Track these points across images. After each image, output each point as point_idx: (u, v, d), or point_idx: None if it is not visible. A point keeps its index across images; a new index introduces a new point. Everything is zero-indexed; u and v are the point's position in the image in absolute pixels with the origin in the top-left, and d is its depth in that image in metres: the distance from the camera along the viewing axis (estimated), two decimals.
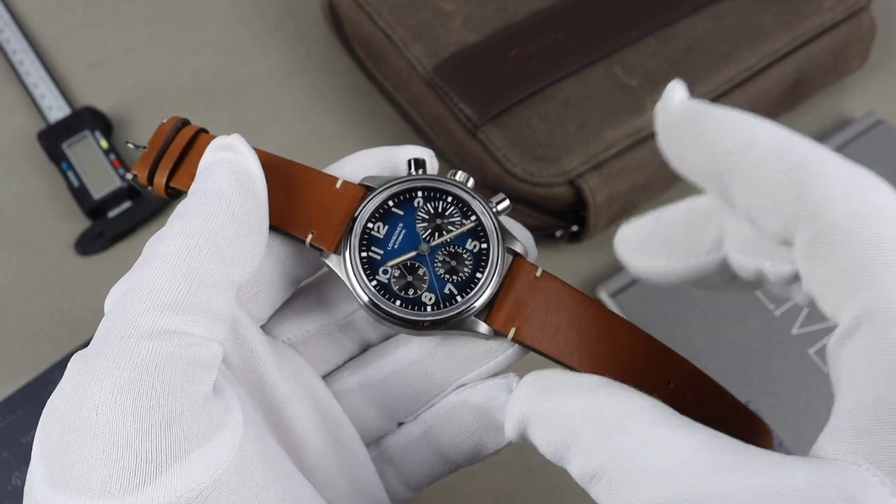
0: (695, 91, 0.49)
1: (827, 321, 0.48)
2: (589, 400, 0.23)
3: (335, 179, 0.28)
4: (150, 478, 0.20)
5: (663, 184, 0.50)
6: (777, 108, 0.54)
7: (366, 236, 0.27)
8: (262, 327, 0.29)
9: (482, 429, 0.28)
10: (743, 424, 0.27)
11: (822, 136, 0.56)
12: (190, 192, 0.26)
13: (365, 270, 0.27)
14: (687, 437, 0.21)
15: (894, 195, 0.21)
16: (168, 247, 0.23)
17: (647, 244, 0.27)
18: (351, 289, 0.27)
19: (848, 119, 0.57)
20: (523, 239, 0.28)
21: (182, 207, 0.25)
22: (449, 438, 0.28)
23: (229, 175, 0.25)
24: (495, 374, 0.28)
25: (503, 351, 0.28)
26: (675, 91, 0.26)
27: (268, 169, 0.27)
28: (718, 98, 0.50)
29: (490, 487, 0.44)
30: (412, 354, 0.28)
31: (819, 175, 0.21)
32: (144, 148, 0.28)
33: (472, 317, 0.27)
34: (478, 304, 0.26)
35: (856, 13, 0.53)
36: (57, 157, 0.53)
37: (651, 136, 0.48)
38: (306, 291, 0.30)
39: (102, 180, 0.52)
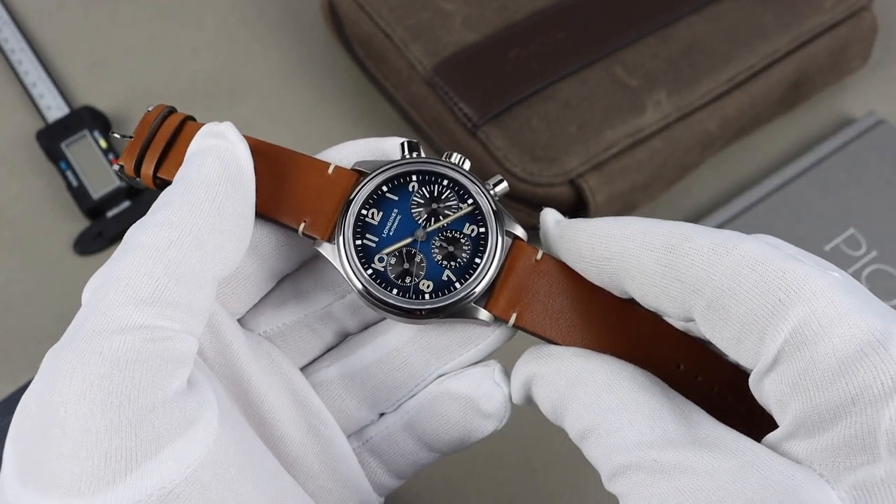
0: (695, 91, 0.49)
1: None
2: (583, 363, 0.25)
3: (327, 165, 0.27)
4: (120, 476, 0.20)
5: (663, 184, 0.50)
6: (778, 108, 0.54)
7: (360, 223, 0.26)
8: (239, 320, 0.28)
9: (466, 418, 0.28)
10: (759, 408, 0.27)
11: (822, 136, 0.56)
12: (176, 179, 0.25)
13: (360, 259, 0.26)
14: (666, 406, 0.23)
15: (755, 241, 0.23)
16: (150, 237, 0.23)
17: None
18: (346, 278, 0.26)
19: (849, 119, 0.57)
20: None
21: (167, 196, 0.24)
22: (432, 428, 0.28)
23: (217, 164, 0.25)
24: (476, 363, 0.28)
25: (484, 338, 0.27)
26: (548, 215, 0.28)
27: (257, 155, 0.26)
28: (719, 98, 0.49)
29: (490, 487, 0.44)
30: (391, 343, 0.28)
31: (687, 251, 0.23)
32: (131, 138, 0.28)
33: (472, 303, 0.26)
34: (477, 290, 0.26)
35: (857, 13, 0.53)
36: (56, 156, 0.53)
37: (651, 136, 0.48)
38: (283, 283, 0.29)
39: (101, 180, 0.52)
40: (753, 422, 0.25)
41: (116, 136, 0.30)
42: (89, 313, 0.22)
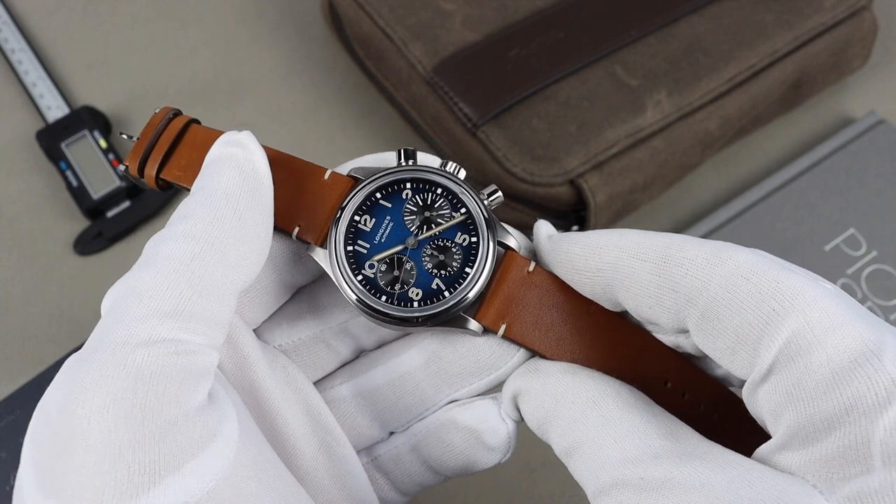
0: (695, 91, 0.49)
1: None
2: (570, 380, 0.25)
3: (323, 170, 0.27)
4: (143, 490, 0.20)
5: (664, 184, 0.50)
6: (778, 107, 0.54)
7: (352, 229, 0.26)
8: (255, 331, 0.28)
9: (470, 448, 0.28)
10: (746, 425, 0.27)
11: (823, 136, 0.56)
12: (195, 188, 0.25)
13: (350, 265, 0.26)
14: (652, 423, 0.23)
15: (750, 252, 0.23)
16: (172, 250, 0.23)
17: None
18: (336, 284, 0.26)
19: (849, 118, 0.57)
20: (516, 234, 0.28)
21: (187, 207, 0.24)
22: (437, 454, 0.28)
23: (237, 174, 0.25)
24: (485, 393, 0.28)
25: (496, 369, 0.27)
26: (541, 228, 0.27)
27: None
28: (719, 98, 0.49)
29: (490, 488, 0.44)
30: (404, 367, 0.28)
31: (682, 261, 0.23)
32: (137, 139, 0.28)
33: (461, 313, 0.26)
34: (466, 300, 0.26)
35: (857, 12, 0.53)
36: (55, 156, 0.53)
37: (651, 136, 0.48)
38: (299, 297, 0.29)
39: (101, 180, 0.52)
40: (739, 439, 0.25)
41: (123, 136, 0.30)
42: (111, 325, 0.22)
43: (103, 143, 0.53)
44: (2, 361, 0.48)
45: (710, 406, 0.26)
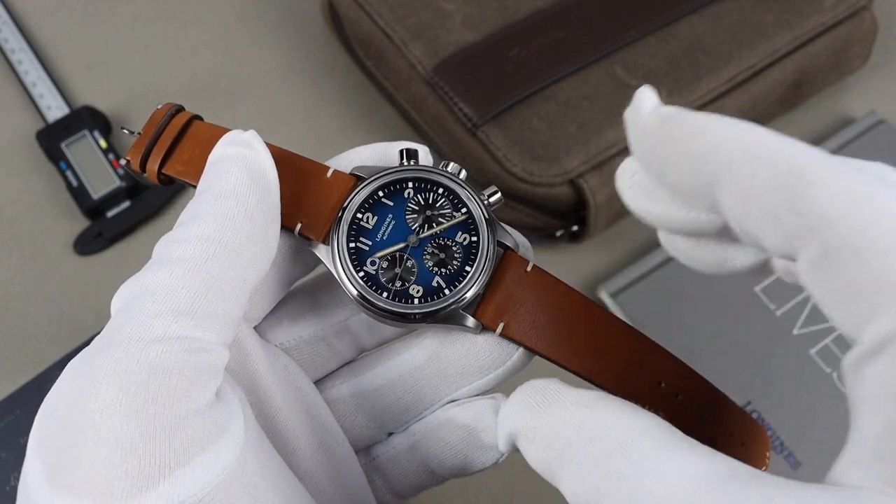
0: (695, 91, 0.49)
1: (829, 321, 0.48)
2: (586, 417, 0.21)
3: (326, 168, 0.27)
4: (153, 482, 0.20)
5: None
6: (778, 107, 0.54)
7: (354, 227, 0.27)
8: (256, 329, 0.28)
9: (467, 448, 0.27)
10: (738, 428, 0.27)
11: (823, 136, 0.56)
12: (201, 188, 0.25)
13: (352, 261, 0.26)
14: (692, 464, 0.19)
15: None
16: (185, 251, 0.23)
17: (650, 184, 0.23)
18: (339, 280, 0.26)
19: (849, 119, 0.57)
20: (515, 234, 0.28)
21: (197, 208, 0.24)
22: (435, 454, 0.28)
23: (244, 174, 0.25)
24: (485, 393, 0.28)
25: (496, 368, 0.27)
26: (646, 98, 0.22)
27: None
28: (719, 98, 0.49)
29: (490, 488, 0.44)
30: (403, 367, 0.28)
31: (816, 182, 0.19)
32: (139, 134, 0.28)
33: (461, 311, 0.26)
34: (466, 297, 0.26)
35: (857, 12, 0.53)
36: (55, 156, 0.53)
37: None
38: (300, 295, 0.30)
39: (101, 180, 0.52)
40: (731, 444, 0.25)
41: (125, 131, 0.31)
42: (124, 321, 0.22)
43: (103, 143, 0.53)
44: (2, 361, 0.48)
45: (702, 409, 0.26)
